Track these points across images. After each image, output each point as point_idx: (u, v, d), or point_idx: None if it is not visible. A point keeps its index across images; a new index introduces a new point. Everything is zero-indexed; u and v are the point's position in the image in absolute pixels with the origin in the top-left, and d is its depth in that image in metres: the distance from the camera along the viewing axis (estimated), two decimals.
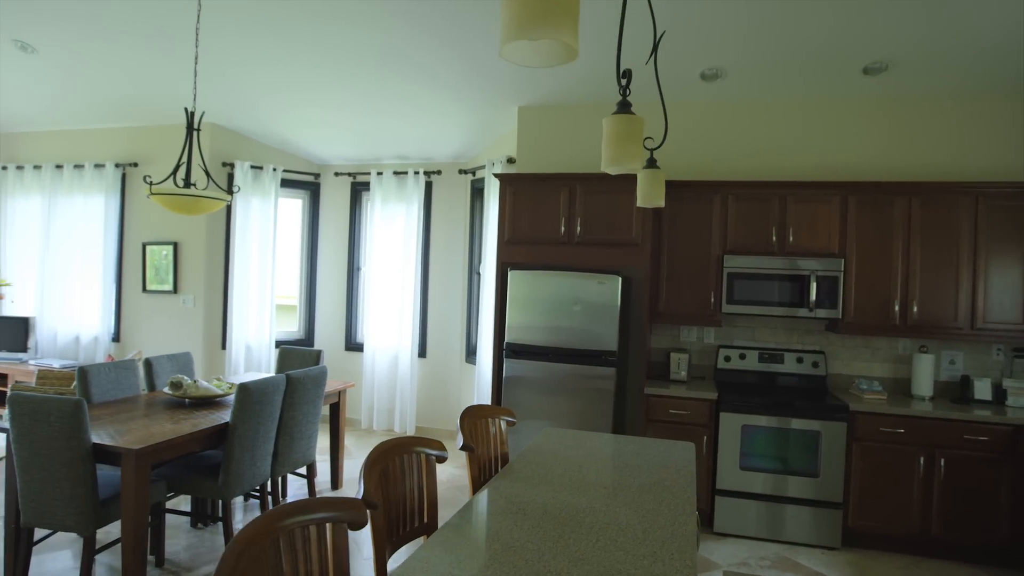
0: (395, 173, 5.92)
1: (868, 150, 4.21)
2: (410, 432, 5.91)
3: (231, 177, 5.77)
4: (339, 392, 4.48)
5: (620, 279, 3.91)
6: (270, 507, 3.90)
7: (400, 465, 1.90)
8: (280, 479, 4.18)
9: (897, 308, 3.89)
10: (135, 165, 5.93)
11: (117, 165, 5.91)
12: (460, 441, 2.15)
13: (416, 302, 5.88)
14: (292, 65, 4.46)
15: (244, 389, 3.24)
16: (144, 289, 5.88)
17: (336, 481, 4.50)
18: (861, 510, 3.69)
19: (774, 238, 4.05)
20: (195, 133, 3.80)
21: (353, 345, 6.25)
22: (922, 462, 3.60)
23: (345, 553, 1.46)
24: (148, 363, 3.94)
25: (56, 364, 5.56)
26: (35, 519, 2.84)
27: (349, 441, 5.69)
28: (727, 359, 4.33)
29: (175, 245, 5.77)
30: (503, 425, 2.56)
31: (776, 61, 3.83)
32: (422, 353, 6.03)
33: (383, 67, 4.35)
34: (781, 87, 4.15)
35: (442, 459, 2.05)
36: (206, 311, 5.73)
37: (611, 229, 4.09)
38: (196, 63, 3.88)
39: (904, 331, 3.89)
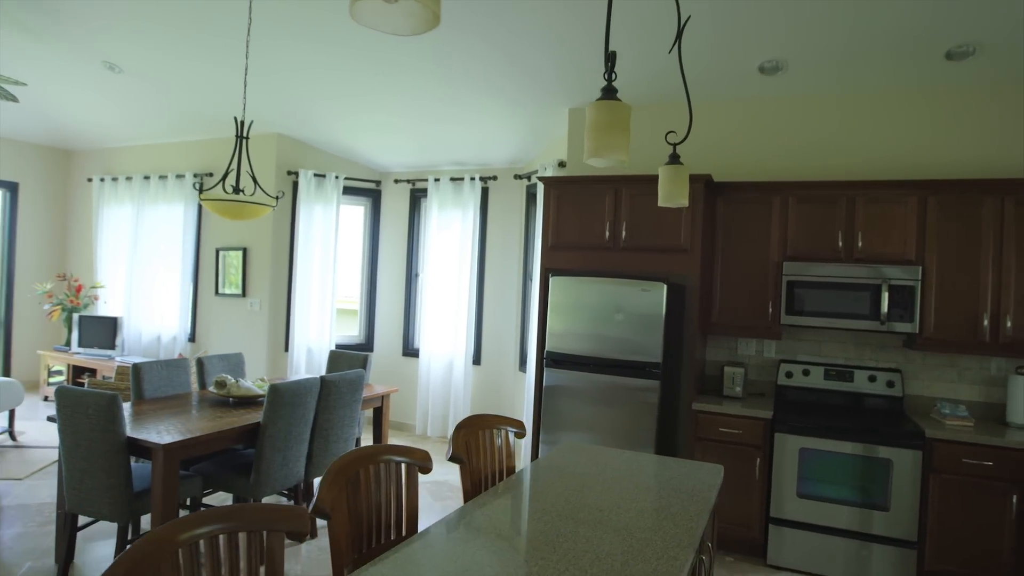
0: (452, 179, 5.92)
1: (951, 145, 3.75)
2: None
3: (296, 185, 5.98)
4: (382, 397, 4.49)
5: (665, 287, 3.67)
6: None
7: (373, 475, 1.81)
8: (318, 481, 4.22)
9: (987, 323, 3.42)
10: (210, 175, 6.27)
11: (195, 175, 6.28)
12: (449, 451, 2.04)
13: (471, 309, 5.84)
14: (347, 72, 4.53)
15: (275, 390, 3.29)
16: (217, 292, 6.19)
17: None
18: (940, 552, 3.25)
19: (840, 243, 3.68)
20: (243, 142, 3.93)
21: (410, 351, 6.29)
22: (1015, 501, 3.13)
23: (280, 563, 1.38)
24: (200, 362, 4.10)
25: (137, 361, 5.95)
26: (76, 506, 2.98)
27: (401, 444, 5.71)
28: (789, 375, 3.98)
29: (244, 251, 6.04)
30: (511, 437, 2.43)
31: (844, 49, 3.49)
32: (476, 360, 5.98)
33: (433, 72, 4.35)
34: (849, 78, 3.78)
35: (426, 469, 1.95)
36: (271, 314, 5.95)
37: (658, 234, 3.86)
38: (246, 74, 4.02)
39: (995, 349, 3.41)
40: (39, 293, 6.55)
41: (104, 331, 6.30)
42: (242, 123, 3.93)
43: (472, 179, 5.83)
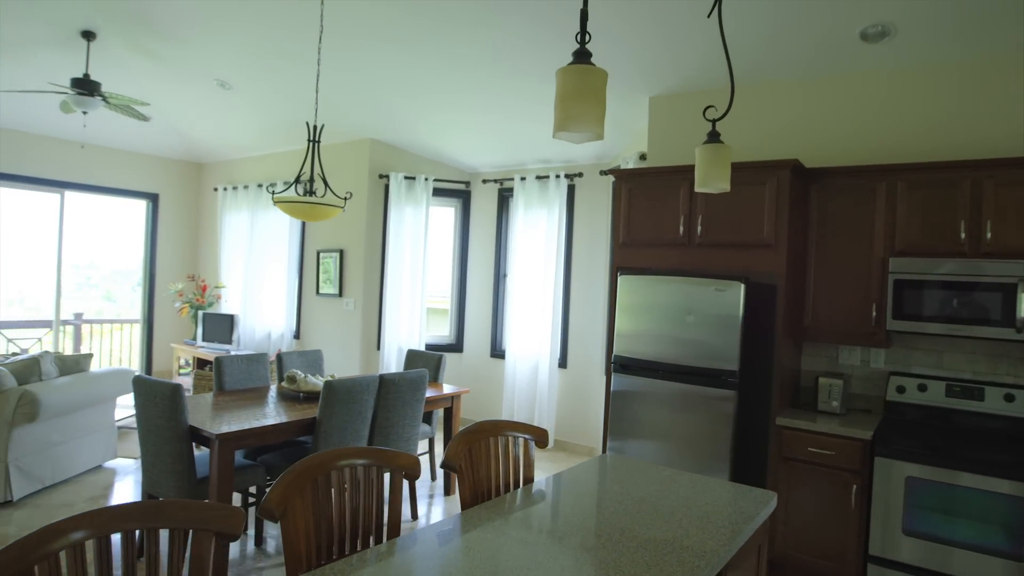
0: (537, 178, 5.79)
1: None
2: (548, 447, 5.68)
3: (387, 188, 6.14)
4: (452, 397, 4.44)
5: (743, 286, 3.28)
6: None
7: (348, 478, 1.72)
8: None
9: None
10: (312, 180, 6.60)
11: (299, 180, 6.64)
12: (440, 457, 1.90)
13: (556, 310, 5.67)
14: (429, 71, 4.55)
15: (329, 386, 3.33)
16: (317, 292, 6.50)
17: (449, 487, 4.46)
18: None
19: (963, 234, 3.09)
20: (315, 145, 4.04)
21: (497, 352, 6.23)
22: None
23: (206, 564, 1.32)
24: (279, 357, 4.29)
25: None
26: (151, 487, 3.19)
27: None
28: (900, 390, 3.42)
29: (341, 253, 6.29)
30: (532, 445, 2.24)
31: (966, 4, 2.93)
32: (563, 363, 5.78)
33: (512, 68, 4.27)
34: (972, 39, 3.17)
35: (412, 475, 1.82)
36: (364, 313, 6.14)
37: (737, 228, 3.47)
38: (317, 79, 4.14)
39: None
40: (171, 292, 7.27)
41: (223, 327, 6.85)
42: (314, 128, 4.06)
43: (558, 177, 5.65)
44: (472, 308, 6.45)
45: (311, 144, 3.99)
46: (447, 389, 4.52)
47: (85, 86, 5.10)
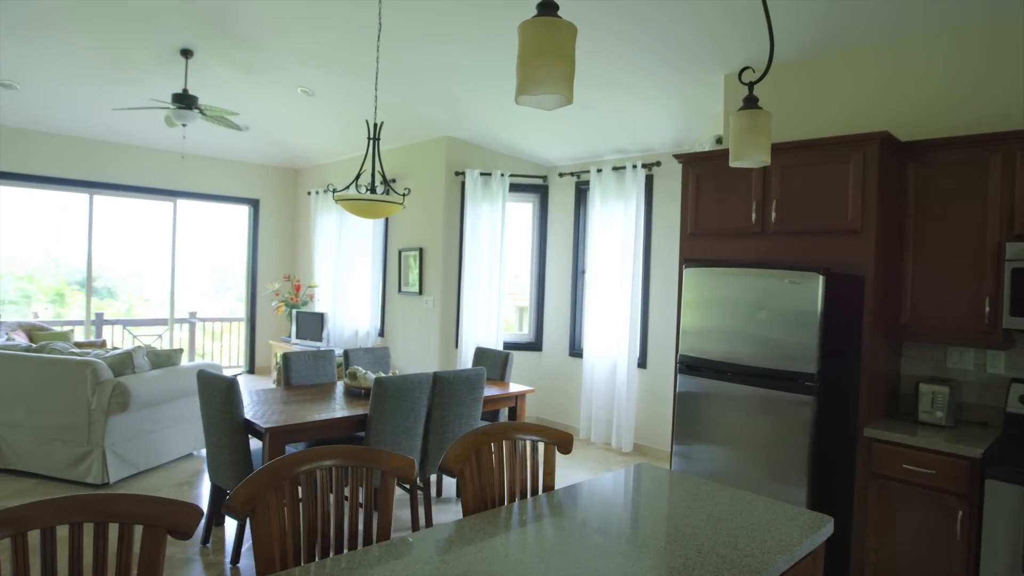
0: (614, 169, 5.53)
1: None
2: (626, 450, 5.43)
3: (463, 185, 6.12)
4: (516, 397, 4.31)
5: (821, 278, 2.90)
6: (420, 503, 3.93)
7: (326, 479, 1.64)
8: (437, 478, 4.20)
9: None
10: (393, 181, 6.73)
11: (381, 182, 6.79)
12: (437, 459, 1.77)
13: (635, 308, 5.39)
14: (499, 64, 4.47)
15: (378, 383, 3.31)
16: (399, 291, 6.62)
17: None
18: None
19: None
20: (375, 143, 4.07)
21: (576, 351, 6.03)
22: None
23: (158, 561, 1.28)
24: (346, 354, 4.36)
25: (337, 352, 6.62)
26: (214, 476, 3.33)
27: None
28: None
29: (420, 251, 6.36)
30: (553, 451, 2.07)
31: None
32: (642, 363, 5.49)
33: (579, 55, 4.10)
34: None
35: (406, 478, 1.71)
36: (442, 311, 6.17)
37: (816, 212, 3.08)
38: (376, 77, 4.16)
39: None
40: (269, 291, 7.69)
41: (314, 325, 7.15)
42: (375, 126, 4.08)
43: (634, 167, 5.37)
44: (551, 306, 6.29)
45: (371, 142, 4.02)
46: (513, 388, 4.41)
47: (184, 100, 5.47)
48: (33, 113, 6.32)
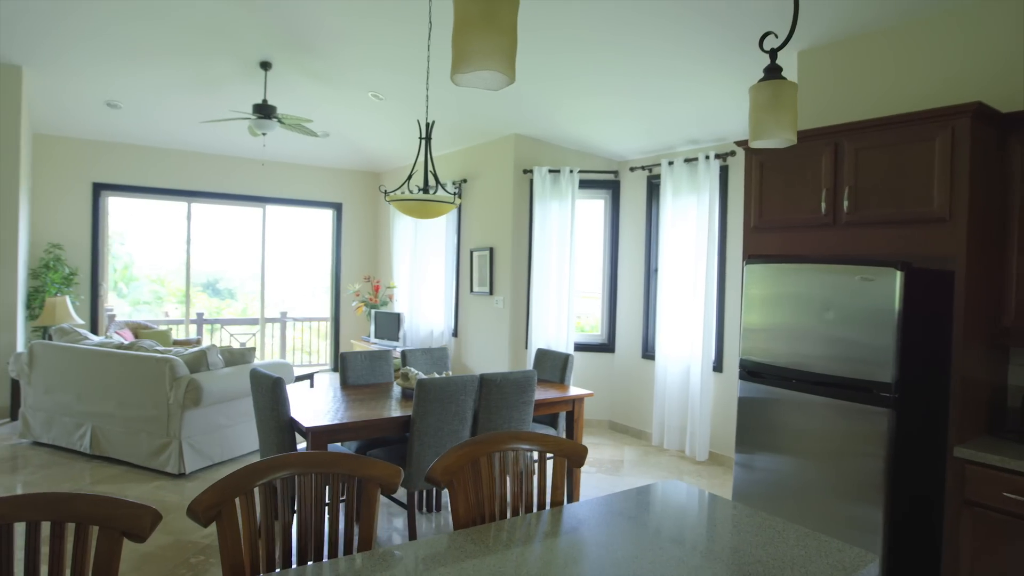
0: (686, 160, 5.22)
1: None
2: (700, 459, 5.10)
3: (531, 183, 6.01)
4: (574, 400, 4.14)
5: (898, 273, 2.54)
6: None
7: (306, 486, 1.58)
8: None
9: None
10: (465, 181, 6.74)
11: (454, 183, 6.82)
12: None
13: (710, 308, 5.06)
14: (558, 55, 4.35)
15: (420, 385, 3.27)
16: (471, 291, 6.61)
17: (572, 494, 4.18)
18: None
19: None
20: (426, 142, 4.04)
21: (649, 353, 5.76)
22: None
23: (113, 563, 1.27)
24: (403, 354, 4.37)
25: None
26: None
27: (631, 455, 5.25)
28: None
29: (491, 250, 6.31)
30: (563, 464, 1.91)
31: None
32: (717, 367, 5.15)
33: (640, 45, 3.94)
34: None
35: (388, 488, 1.63)
36: (512, 312, 6.09)
37: (896, 200, 2.71)
38: (428, 76, 4.13)
39: None
40: (350, 292, 7.94)
41: (392, 324, 7.30)
42: (426, 125, 4.06)
43: (707, 157, 5.04)
44: (623, 306, 6.05)
45: (422, 141, 4.00)
46: (573, 392, 4.24)
47: (263, 110, 5.74)
48: (136, 129, 6.87)
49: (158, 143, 7.22)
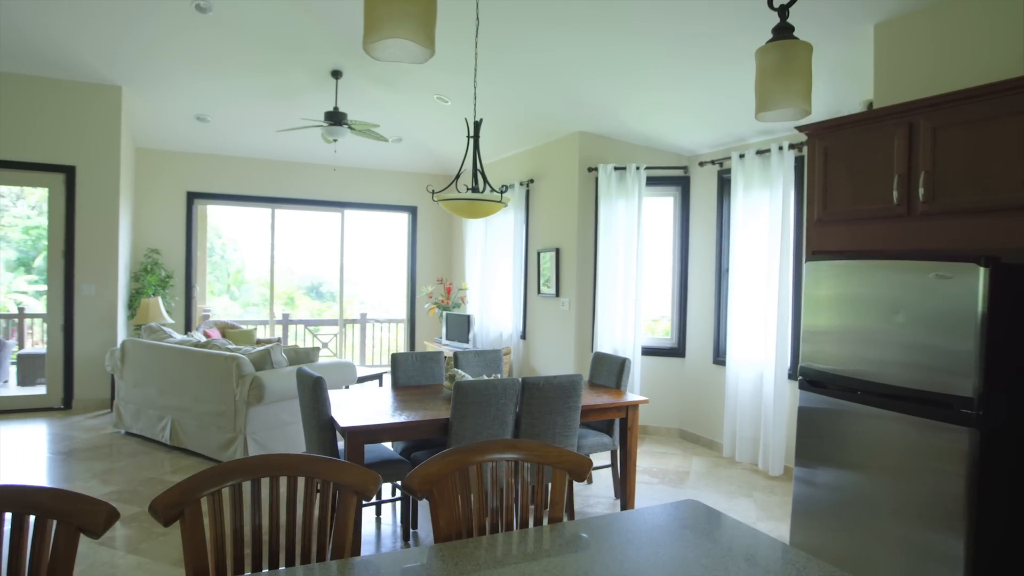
0: (758, 152, 4.86)
1: None
2: (775, 473, 4.72)
3: (596, 181, 5.83)
4: (627, 407, 3.94)
5: (982, 271, 2.19)
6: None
7: (281, 489, 1.54)
8: None
9: None
10: (532, 181, 6.64)
11: (521, 183, 6.74)
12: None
13: (784, 311, 4.67)
14: (620, 47, 4.21)
15: (457, 387, 3.21)
16: (538, 292, 6.50)
17: (626, 503, 3.97)
18: None
19: None
20: (474, 141, 3.98)
21: (720, 358, 5.41)
22: None
23: (70, 558, 1.27)
24: (455, 356, 4.33)
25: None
26: None
27: (699, 466, 4.94)
28: None
29: (557, 251, 6.18)
30: (563, 477, 1.77)
31: None
32: (793, 374, 4.74)
33: (712, 29, 3.72)
34: None
35: (366, 496, 1.56)
36: (578, 314, 5.93)
37: (981, 184, 2.35)
38: (475, 75, 4.07)
39: None
40: (423, 294, 8.05)
41: (461, 326, 7.32)
42: (476, 124, 4.00)
43: (780, 148, 4.66)
44: (694, 309, 5.73)
45: (470, 140, 3.95)
46: (629, 398, 4.04)
47: (334, 117, 5.92)
48: (222, 140, 7.30)
49: (243, 152, 7.65)
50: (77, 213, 5.96)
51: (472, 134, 3.96)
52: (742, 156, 4.98)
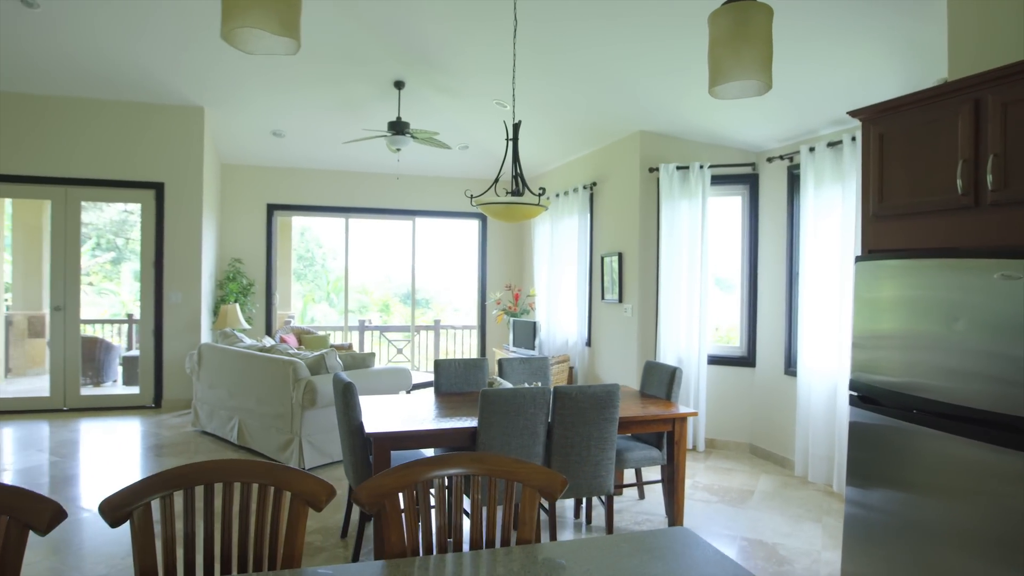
0: (828, 145, 4.47)
1: None
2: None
3: (657, 182, 5.58)
4: (674, 420, 3.71)
5: None
6: (556, 524, 3.59)
7: (234, 495, 1.52)
8: (584, 501, 3.80)
9: None
10: (595, 184, 6.47)
11: (584, 187, 6.59)
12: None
13: None
14: (682, 40, 4.00)
15: (483, 395, 3.13)
16: (602, 298, 6.32)
17: (673, 520, 3.74)
18: None
19: None
20: (512, 143, 3.91)
21: (792, 369, 5.01)
22: None
23: (20, 556, 1.31)
24: (500, 363, 4.26)
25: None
26: (347, 474, 3.51)
27: (766, 485, 4.58)
28: None
29: (620, 256, 5.98)
30: (533, 495, 1.65)
31: None
32: None
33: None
34: None
35: (316, 505, 1.51)
36: (640, 320, 5.70)
37: None
38: (514, 75, 3.99)
39: None
40: (491, 301, 8.04)
41: (528, 333, 7.24)
42: (515, 125, 3.93)
43: (853, 139, 4.26)
44: (764, 315, 5.35)
45: (508, 142, 3.88)
46: (679, 410, 3.80)
47: (397, 127, 6.05)
48: (297, 154, 7.65)
49: (316, 164, 7.98)
50: (166, 226, 6.43)
51: (512, 136, 3.89)
52: (812, 149, 4.60)
